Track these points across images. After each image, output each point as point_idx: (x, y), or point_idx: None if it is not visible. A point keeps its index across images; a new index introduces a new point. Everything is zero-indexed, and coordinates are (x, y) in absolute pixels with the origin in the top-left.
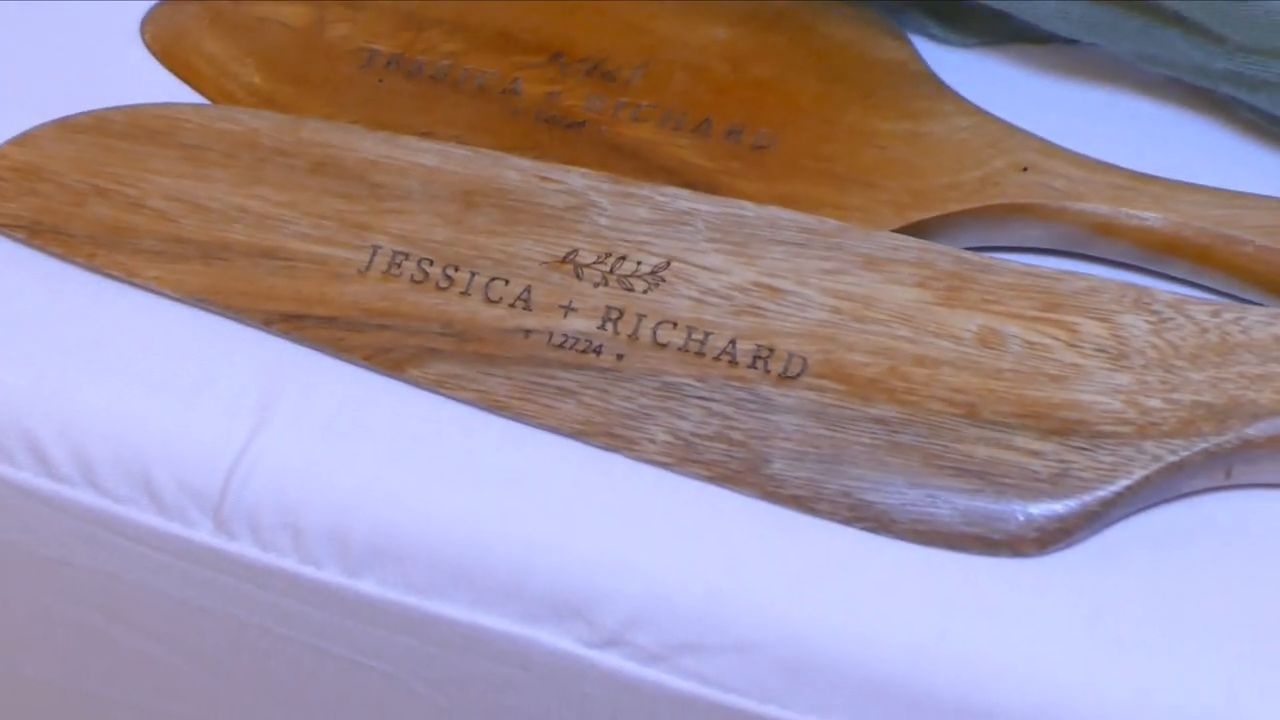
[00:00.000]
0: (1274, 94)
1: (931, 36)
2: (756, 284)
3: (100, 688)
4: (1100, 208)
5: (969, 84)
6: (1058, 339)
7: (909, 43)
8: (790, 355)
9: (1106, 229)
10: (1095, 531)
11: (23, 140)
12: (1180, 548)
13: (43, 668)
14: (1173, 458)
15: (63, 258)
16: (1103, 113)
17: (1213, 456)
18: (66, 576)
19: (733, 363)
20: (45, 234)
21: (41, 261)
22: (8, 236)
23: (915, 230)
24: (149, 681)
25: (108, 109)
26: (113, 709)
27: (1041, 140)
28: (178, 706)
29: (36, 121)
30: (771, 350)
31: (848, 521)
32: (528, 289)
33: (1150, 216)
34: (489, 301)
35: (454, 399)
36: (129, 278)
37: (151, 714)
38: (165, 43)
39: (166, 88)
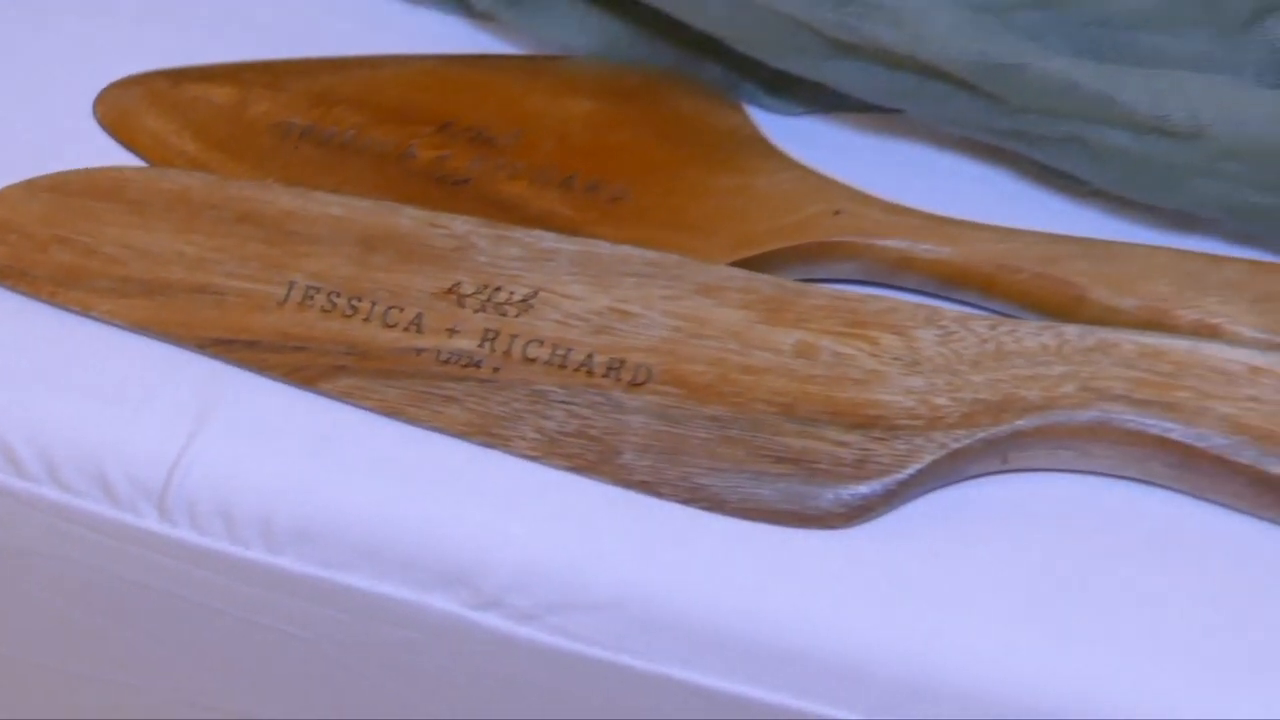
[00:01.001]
0: (1047, 146)
1: (764, 106)
2: (610, 308)
3: (61, 662)
4: (900, 244)
5: (796, 145)
6: (861, 350)
7: (743, 111)
8: (638, 366)
9: (906, 263)
10: (893, 508)
11: None
12: (965, 522)
13: (10, 645)
14: (956, 445)
15: (29, 295)
16: (909, 166)
17: (990, 444)
18: (33, 564)
19: (590, 373)
20: (14, 276)
21: (11, 299)
22: None
23: (745, 265)
24: (103, 655)
25: (66, 171)
26: (72, 680)
27: (853, 189)
28: (128, 676)
29: (4, 183)
30: (623, 362)
31: (686, 502)
32: (419, 315)
33: (943, 251)
34: (387, 326)
35: (359, 407)
36: (85, 311)
37: (106, 685)
38: (114, 118)
39: (115, 155)
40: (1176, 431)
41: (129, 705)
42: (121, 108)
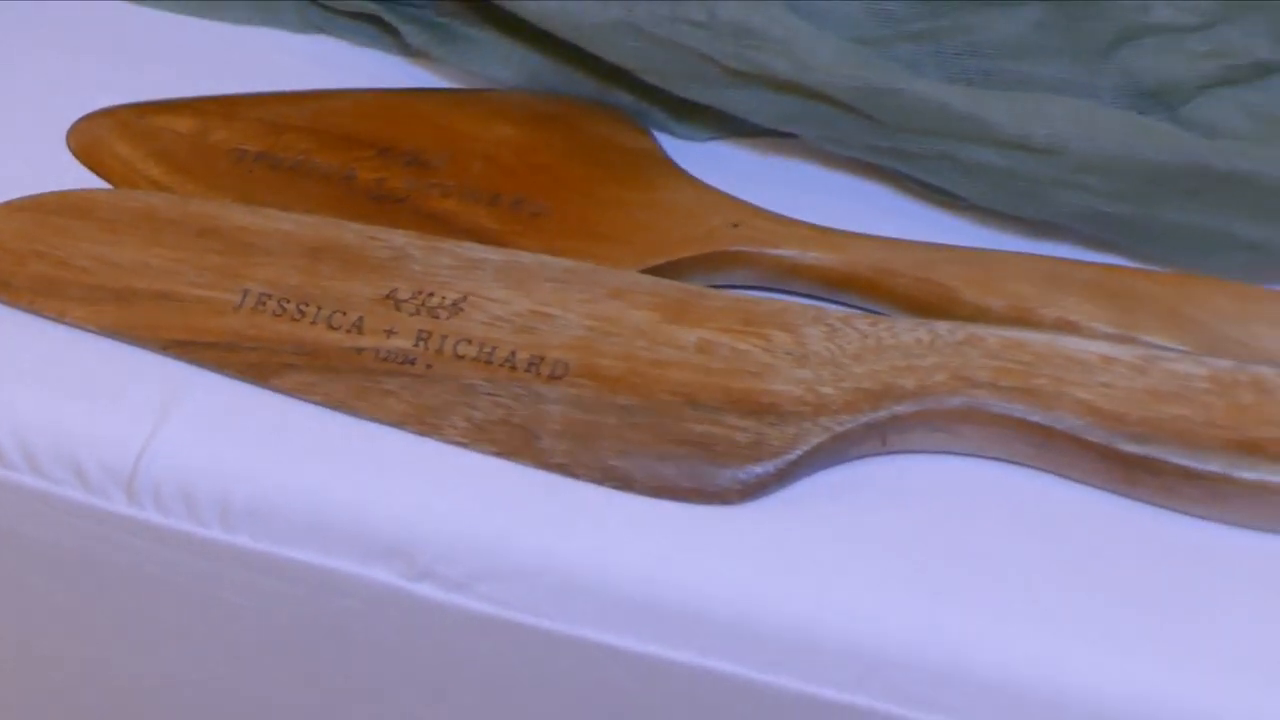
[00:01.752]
0: (923, 163)
1: (671, 133)
2: (531, 310)
3: (35, 635)
4: (791, 253)
5: (700, 167)
6: (756, 346)
7: (651, 135)
8: (556, 361)
9: (796, 269)
10: (784, 486)
11: None
12: (848, 499)
13: None
14: (840, 429)
15: (9, 304)
16: (800, 184)
17: (870, 428)
18: (13, 545)
19: (513, 368)
20: None
21: None
22: None
23: (653, 272)
24: (76, 628)
25: (43, 194)
26: (48, 656)
27: (749, 204)
28: (96, 650)
29: None
30: (542, 358)
31: (599, 482)
32: (360, 318)
33: (829, 258)
34: (331, 328)
35: (307, 401)
36: (60, 318)
37: (77, 659)
38: (86, 147)
39: (86, 181)
40: (1036, 415)
41: (99, 679)
42: (92, 138)
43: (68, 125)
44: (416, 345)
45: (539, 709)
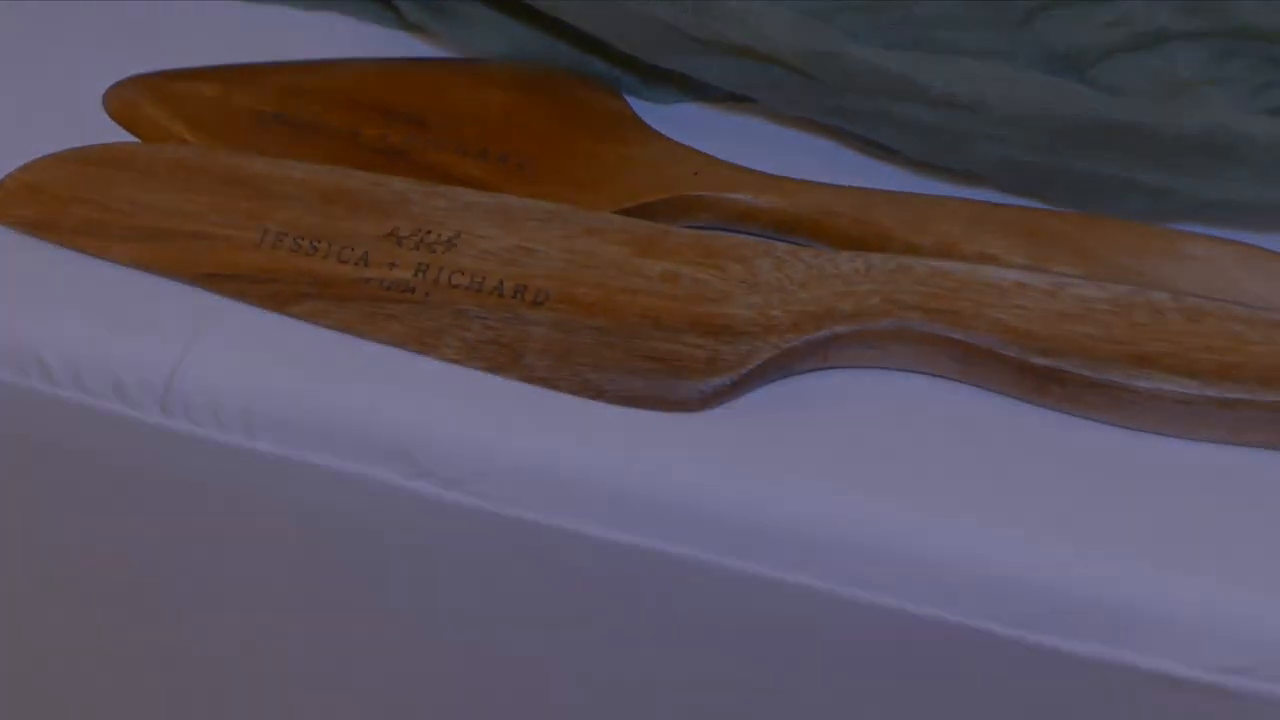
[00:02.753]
0: (862, 120)
1: (642, 96)
2: (517, 246)
3: (72, 540)
4: (745, 197)
5: (667, 127)
6: (713, 276)
7: (624, 98)
8: (539, 289)
9: (750, 212)
10: (738, 396)
11: (27, 168)
12: (794, 407)
13: (27, 527)
14: (786, 346)
15: (56, 244)
16: (756, 140)
17: (813, 345)
18: (57, 457)
19: (501, 295)
20: (44, 228)
21: (44, 247)
22: (19, 231)
23: (624, 214)
24: (110, 529)
25: (84, 147)
26: (81, 555)
27: (710, 156)
28: (127, 548)
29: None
30: (526, 286)
31: (576, 393)
32: (366, 253)
33: (779, 202)
34: (341, 262)
35: (319, 325)
36: (102, 255)
37: (109, 556)
38: (121, 109)
39: (122, 139)
40: (958, 333)
41: (127, 575)
42: (125, 101)
43: (103, 90)
44: (416, 276)
45: (521, 589)
